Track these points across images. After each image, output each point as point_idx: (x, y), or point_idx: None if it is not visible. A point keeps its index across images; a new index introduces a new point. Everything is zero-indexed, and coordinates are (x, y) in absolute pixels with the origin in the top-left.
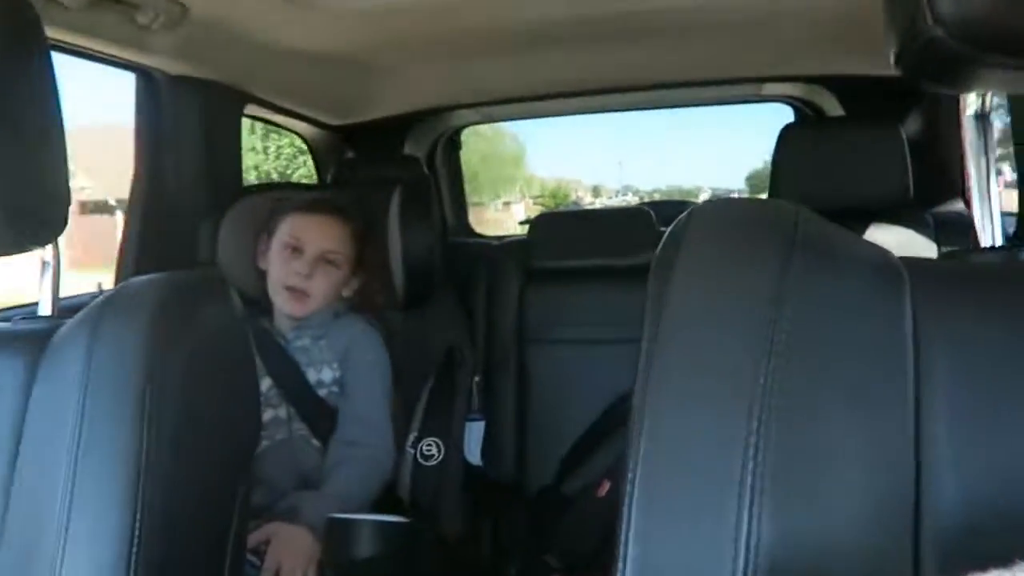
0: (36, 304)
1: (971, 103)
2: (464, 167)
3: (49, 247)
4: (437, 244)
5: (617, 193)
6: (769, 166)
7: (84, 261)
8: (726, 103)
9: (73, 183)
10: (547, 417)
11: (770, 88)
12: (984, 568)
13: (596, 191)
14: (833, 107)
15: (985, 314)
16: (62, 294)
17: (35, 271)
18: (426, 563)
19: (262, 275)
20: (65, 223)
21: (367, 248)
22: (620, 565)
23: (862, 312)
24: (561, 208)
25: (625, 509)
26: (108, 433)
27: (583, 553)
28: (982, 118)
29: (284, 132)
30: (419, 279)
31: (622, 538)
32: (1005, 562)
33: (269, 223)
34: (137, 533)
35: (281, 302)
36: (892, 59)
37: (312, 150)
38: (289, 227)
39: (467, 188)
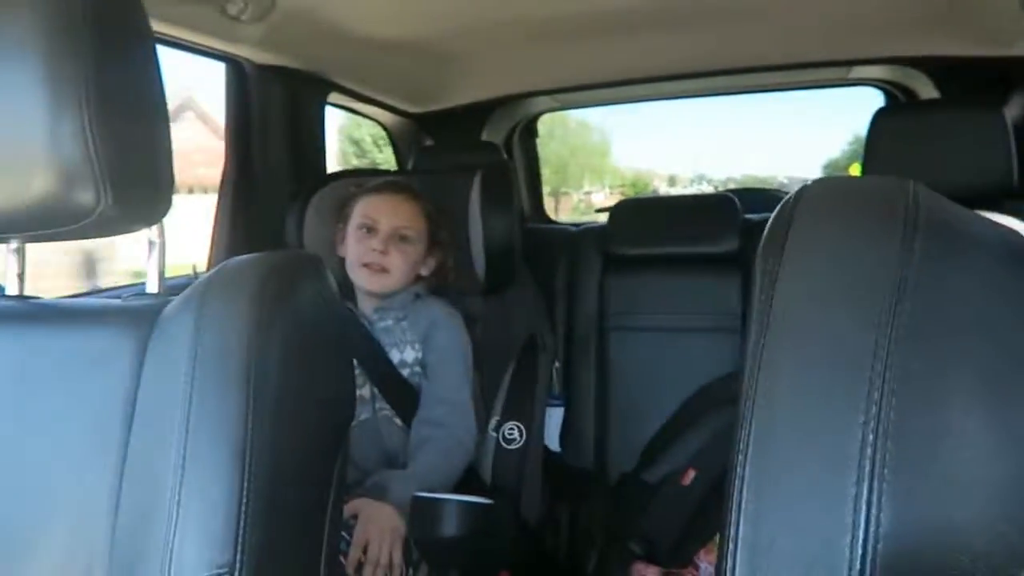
0: (143, 283)
1: None
2: (555, 159)
3: (155, 227)
4: (518, 228)
5: (692, 182)
6: (846, 154)
7: None
8: (812, 87)
9: None
10: (626, 404)
11: (859, 71)
12: None
13: (672, 180)
14: (927, 90)
15: None
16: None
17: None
18: (507, 544)
19: (342, 262)
20: (170, 205)
21: (440, 228)
22: (730, 547)
23: (991, 294)
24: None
25: (735, 491)
26: (215, 405)
27: (666, 542)
28: None
29: None
30: (500, 264)
31: (731, 519)
32: None
33: (343, 210)
34: (244, 502)
35: (361, 280)
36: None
37: (391, 137)
38: (362, 208)
39: (555, 178)
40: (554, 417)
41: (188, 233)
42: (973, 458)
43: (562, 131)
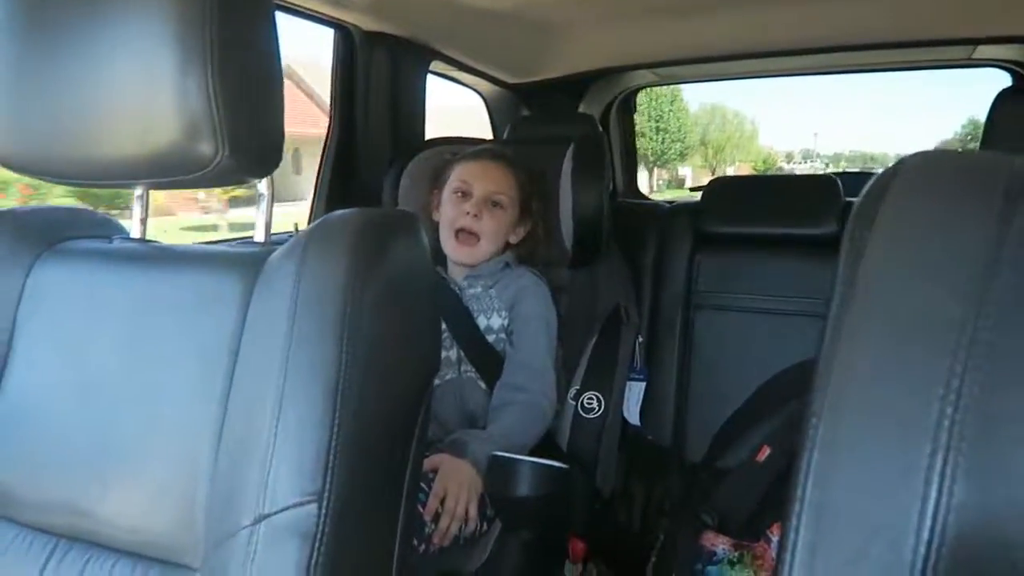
0: (251, 237)
1: None
2: (715, 143)
3: (264, 180)
4: (608, 201)
5: (805, 158)
6: (959, 136)
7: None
8: (934, 67)
9: None
10: (708, 384)
11: (984, 50)
12: None
13: (789, 157)
14: None
15: None
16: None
17: None
18: (581, 511)
19: (435, 227)
20: (280, 160)
21: (532, 197)
22: (796, 507)
23: None
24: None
25: (805, 453)
26: (312, 349)
27: (738, 515)
28: None
29: None
30: (589, 236)
31: (799, 480)
32: None
33: (440, 176)
34: (334, 439)
35: (452, 248)
36: None
37: (489, 107)
38: (458, 173)
39: (715, 159)
40: (635, 391)
41: None
42: None
43: (720, 120)
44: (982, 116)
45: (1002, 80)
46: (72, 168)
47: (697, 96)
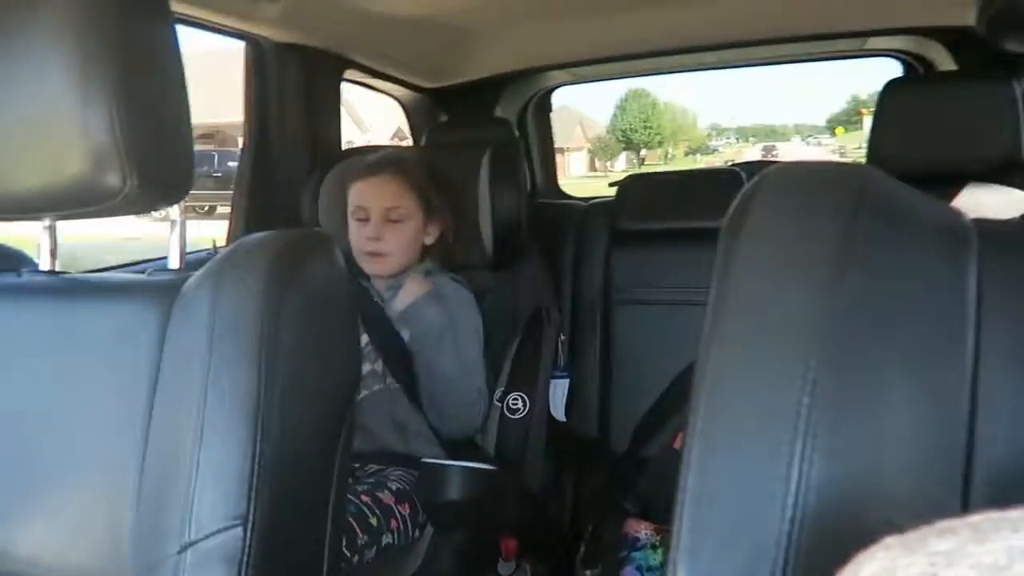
0: (165, 258)
1: None
2: (667, 132)
3: (176, 206)
4: (524, 205)
5: (718, 134)
6: (844, 111)
7: None
8: (829, 59)
9: None
10: (631, 376)
11: (876, 42)
12: None
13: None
14: (945, 61)
15: None
16: None
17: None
18: (511, 511)
19: None
20: (191, 184)
21: (433, 197)
22: (680, 496)
23: (926, 270)
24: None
25: (688, 447)
26: (231, 375)
27: (659, 501)
28: None
29: None
30: (507, 239)
31: (684, 471)
32: None
33: (342, 196)
34: (257, 464)
35: (365, 266)
36: (975, 20)
37: (407, 113)
38: (353, 196)
39: (661, 147)
40: (559, 388)
41: None
42: (902, 420)
43: (670, 114)
44: (863, 94)
45: (892, 66)
46: None
47: (657, 93)
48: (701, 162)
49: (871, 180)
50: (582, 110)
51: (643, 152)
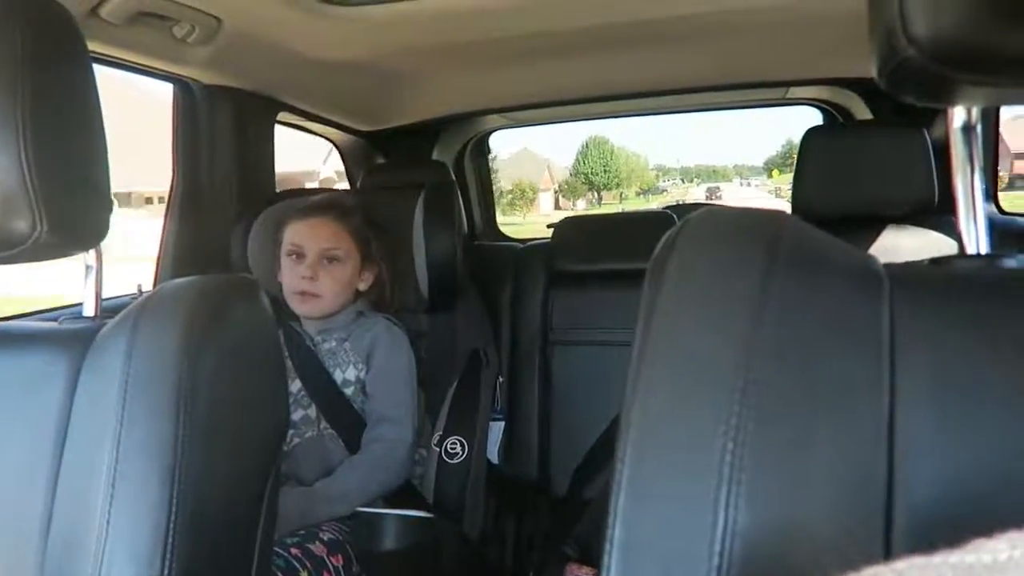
0: (80, 305)
1: (958, 115)
2: (623, 174)
3: (92, 251)
4: (459, 246)
5: (663, 174)
6: (779, 154)
7: None
8: (753, 106)
9: None
10: (570, 418)
11: (797, 91)
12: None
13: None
14: (861, 110)
15: (960, 315)
16: None
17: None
18: (449, 558)
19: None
20: (107, 229)
21: (371, 242)
22: (607, 546)
23: (841, 314)
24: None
25: (614, 496)
26: (145, 428)
27: (599, 546)
28: (967, 130)
29: None
30: (443, 281)
31: (610, 521)
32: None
33: (276, 236)
34: (173, 522)
35: (295, 307)
36: (875, 72)
37: (343, 156)
38: (288, 235)
39: (619, 187)
40: (495, 431)
41: None
42: (821, 463)
43: (624, 157)
44: (797, 137)
45: (817, 116)
46: None
47: (611, 138)
48: (653, 201)
49: (786, 228)
50: (550, 156)
51: (601, 193)
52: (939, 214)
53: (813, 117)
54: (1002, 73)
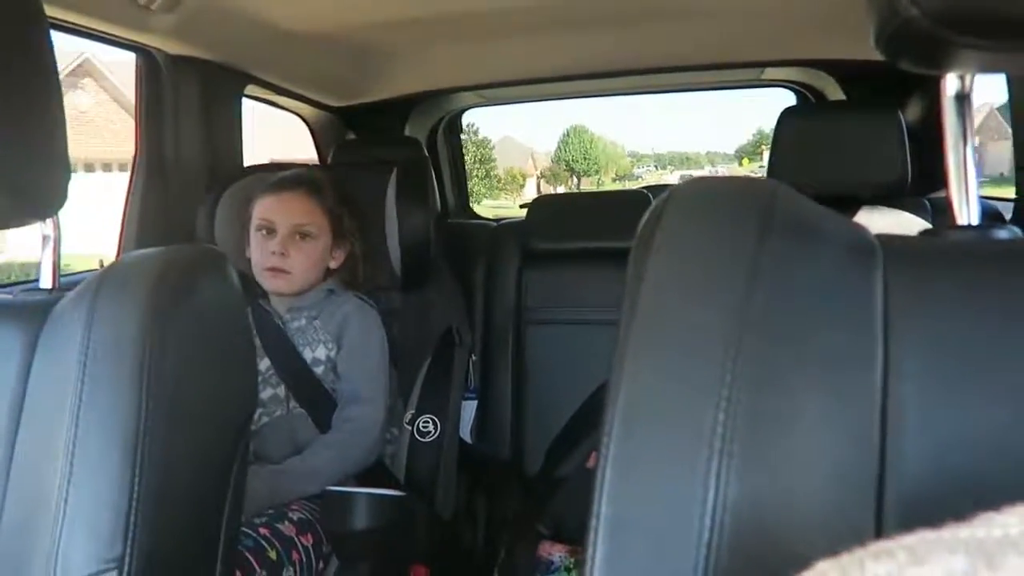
0: (37, 280)
1: (952, 83)
2: (602, 161)
3: (50, 221)
4: (432, 224)
5: (638, 160)
6: (751, 143)
7: None
8: (728, 87)
9: None
10: (543, 396)
11: (771, 72)
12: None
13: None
14: (835, 91)
15: (955, 287)
16: None
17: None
18: (421, 537)
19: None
20: (66, 197)
21: (344, 219)
22: (593, 522)
23: (834, 285)
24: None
25: (600, 471)
26: (107, 402)
27: (573, 522)
28: (961, 99)
29: None
30: (415, 259)
31: (596, 496)
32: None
33: (246, 212)
34: (135, 501)
35: (266, 283)
36: (872, 40)
37: (313, 132)
38: (259, 210)
39: (598, 174)
40: (468, 410)
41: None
42: (813, 437)
43: (603, 145)
44: (767, 127)
45: (788, 97)
46: None
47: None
48: (628, 187)
49: (779, 196)
50: (533, 145)
51: (581, 179)
52: (911, 195)
53: (781, 101)
54: (1004, 36)
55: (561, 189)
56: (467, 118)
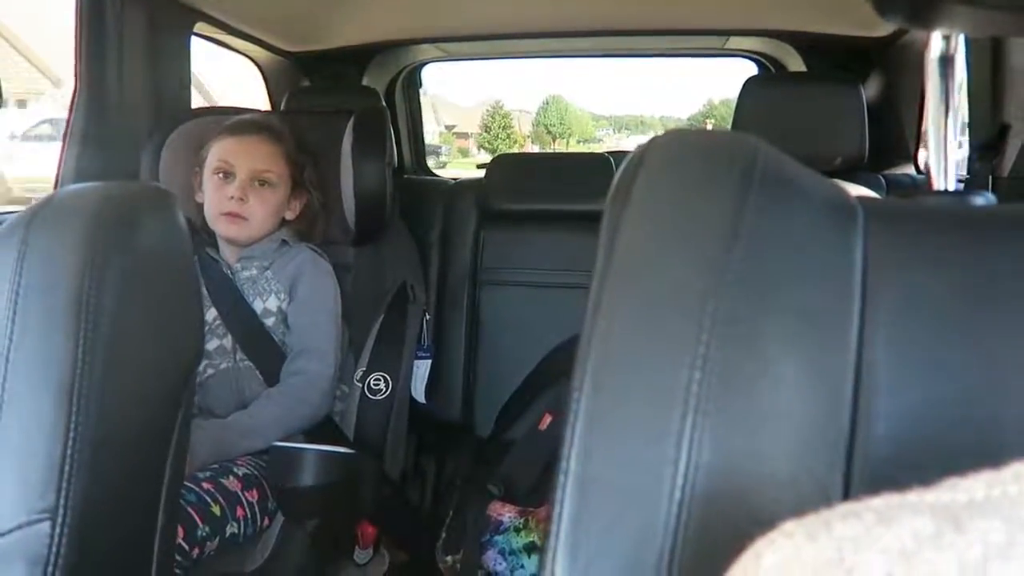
0: None
1: (936, 44)
2: (560, 127)
3: None
4: (390, 177)
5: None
6: (701, 112)
7: None
8: (692, 55)
9: None
10: (496, 358)
11: (735, 42)
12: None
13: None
14: (797, 64)
15: (934, 250)
16: None
17: None
18: (369, 496)
19: (201, 208)
20: None
21: (303, 170)
22: (561, 479)
23: (813, 243)
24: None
25: (569, 428)
26: (39, 343)
27: (523, 483)
28: (945, 61)
29: None
30: (370, 212)
31: (564, 453)
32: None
33: (200, 153)
34: (70, 448)
35: (221, 229)
36: None
37: (265, 77)
38: (217, 152)
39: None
40: (421, 369)
41: None
42: (787, 397)
43: (575, 112)
44: (717, 98)
45: (746, 69)
46: None
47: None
48: (591, 149)
49: (760, 151)
50: (519, 111)
51: (556, 142)
52: (866, 170)
53: (742, 79)
54: None
55: (536, 149)
56: (489, 95)
